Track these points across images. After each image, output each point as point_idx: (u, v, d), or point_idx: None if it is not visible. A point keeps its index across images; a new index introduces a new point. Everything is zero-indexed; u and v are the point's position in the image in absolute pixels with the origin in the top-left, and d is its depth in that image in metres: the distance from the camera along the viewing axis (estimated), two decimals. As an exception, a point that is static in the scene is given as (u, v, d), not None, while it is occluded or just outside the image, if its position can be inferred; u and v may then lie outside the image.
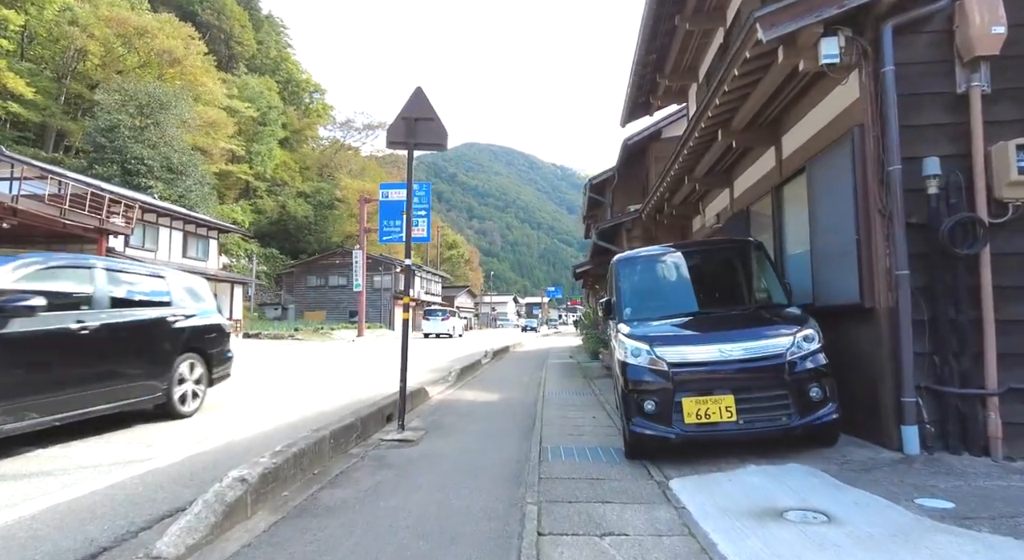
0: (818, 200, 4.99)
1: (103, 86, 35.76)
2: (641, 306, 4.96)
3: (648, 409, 4.10)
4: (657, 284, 5.14)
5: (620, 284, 5.08)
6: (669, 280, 5.11)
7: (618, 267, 5.24)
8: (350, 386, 8.77)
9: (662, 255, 5.29)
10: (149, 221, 25.02)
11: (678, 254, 5.29)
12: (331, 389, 8.38)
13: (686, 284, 5.07)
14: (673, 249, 5.49)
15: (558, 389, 8.99)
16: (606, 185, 15.54)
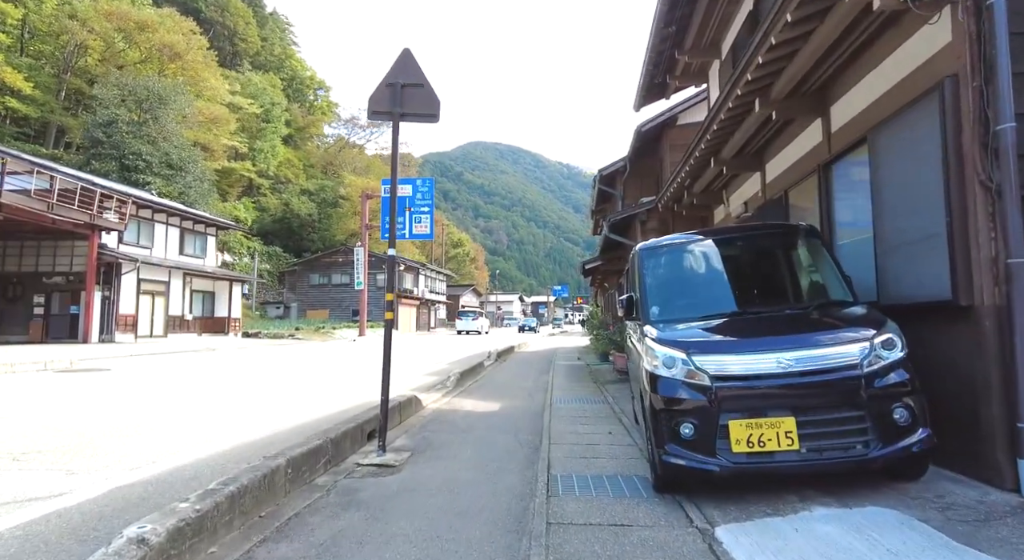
0: (885, 176, 4.11)
1: (101, 80, 35.15)
2: (671, 304, 4.10)
3: (685, 434, 3.25)
4: (690, 278, 4.27)
5: (645, 278, 4.22)
6: (705, 273, 4.24)
7: (642, 258, 4.37)
8: (340, 392, 7.95)
9: (695, 243, 4.41)
10: (144, 217, 24.35)
11: (715, 242, 4.41)
12: (318, 396, 7.57)
13: (725, 278, 4.20)
14: (708, 236, 4.62)
15: (567, 396, 8.14)
16: (617, 176, 14.66)
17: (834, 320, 3.51)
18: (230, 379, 9.64)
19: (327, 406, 6.50)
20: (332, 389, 8.31)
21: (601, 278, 19.45)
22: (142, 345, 20.51)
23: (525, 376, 11.19)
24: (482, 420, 6.09)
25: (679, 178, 8.28)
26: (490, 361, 14.37)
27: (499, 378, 10.76)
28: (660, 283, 4.22)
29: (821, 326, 3.47)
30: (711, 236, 4.58)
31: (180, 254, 26.60)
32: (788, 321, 3.65)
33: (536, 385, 9.56)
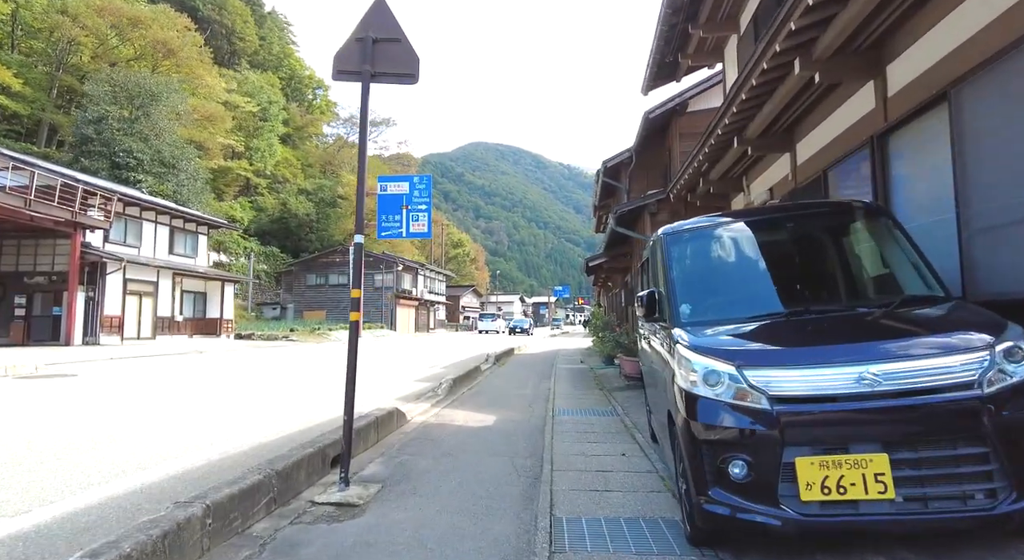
0: (977, 141, 3.27)
1: (91, 76, 34.36)
2: (706, 302, 3.25)
3: (735, 474, 2.42)
4: (729, 269, 3.42)
5: (672, 270, 3.36)
6: (746, 263, 3.39)
7: (667, 245, 3.52)
8: (320, 401, 7.11)
9: (733, 226, 3.55)
10: (132, 215, 23.54)
11: (757, 224, 3.55)
12: (294, 406, 6.72)
13: (773, 269, 3.35)
14: (748, 217, 3.77)
15: (571, 406, 7.29)
16: (622, 169, 13.83)
17: (931, 322, 2.68)
18: (204, 386, 8.81)
19: (300, 418, 5.66)
20: (312, 397, 7.46)
21: (605, 277, 18.60)
22: (127, 347, 19.69)
23: (525, 382, 10.35)
24: (474, 438, 5.24)
25: (695, 163, 7.44)
26: (488, 365, 13.53)
27: (496, 384, 9.92)
28: (691, 276, 3.37)
29: (914, 330, 2.62)
30: (752, 217, 3.72)
31: (170, 253, 25.79)
32: (866, 323, 2.80)
33: (537, 393, 8.72)
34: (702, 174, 7.78)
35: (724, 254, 3.44)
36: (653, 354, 3.99)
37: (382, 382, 9.52)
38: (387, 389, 8.62)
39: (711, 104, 11.99)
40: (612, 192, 16.43)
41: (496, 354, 15.30)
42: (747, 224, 3.55)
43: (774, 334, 2.83)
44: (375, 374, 11.07)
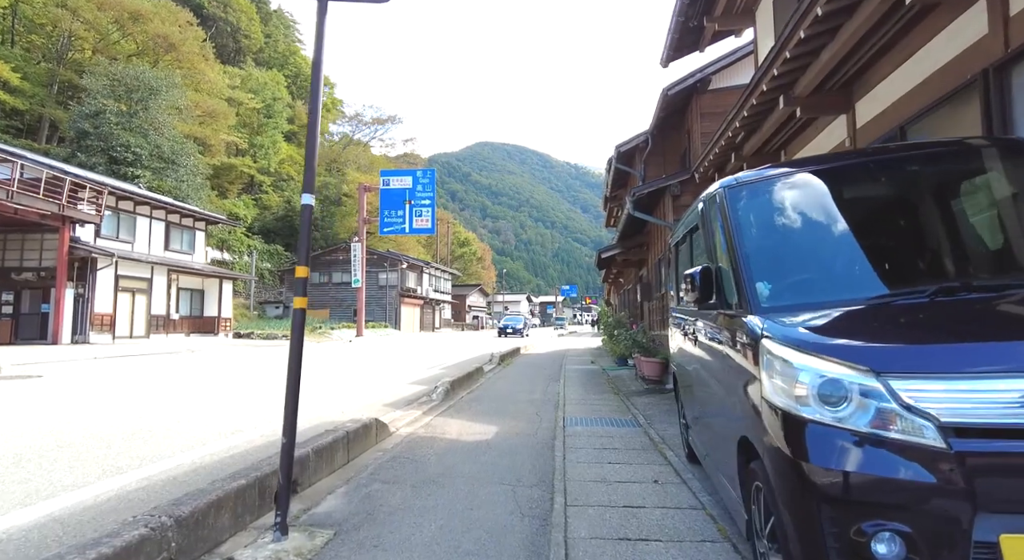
0: None
1: (89, 70, 33.72)
2: (792, 279, 2.25)
3: (883, 554, 1.43)
4: (823, 233, 2.36)
5: (740, 236, 2.33)
6: (851, 224, 2.34)
7: (732, 203, 2.47)
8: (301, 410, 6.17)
9: (824, 172, 2.51)
10: (125, 210, 22.77)
11: (858, 171, 2.52)
12: (264, 416, 5.78)
13: (890, 231, 2.35)
14: (846, 161, 2.70)
15: (584, 413, 6.31)
16: (636, 154, 12.80)
17: None
18: (174, 389, 7.90)
19: (264, 431, 4.72)
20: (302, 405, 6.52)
21: (616, 273, 17.57)
22: (117, 346, 18.90)
23: (531, 384, 9.36)
24: (468, 457, 4.26)
25: (728, 133, 6.43)
26: (491, 365, 12.56)
27: (500, 388, 8.94)
28: (769, 245, 2.35)
29: None
30: (848, 162, 2.66)
31: (166, 249, 25.01)
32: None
33: (545, 397, 7.73)
34: (735, 147, 6.77)
35: (813, 213, 2.43)
36: (699, 353, 3.00)
37: (373, 385, 8.57)
38: (376, 393, 7.67)
39: (735, 81, 10.97)
40: (625, 182, 15.40)
41: (501, 354, 14.33)
42: (842, 172, 2.52)
43: (917, 324, 1.83)
44: (368, 375, 10.12)
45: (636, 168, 12.81)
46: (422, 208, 27.57)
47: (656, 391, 8.13)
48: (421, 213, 27.57)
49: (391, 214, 27.79)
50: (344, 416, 5.74)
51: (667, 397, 7.54)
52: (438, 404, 6.81)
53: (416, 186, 27.67)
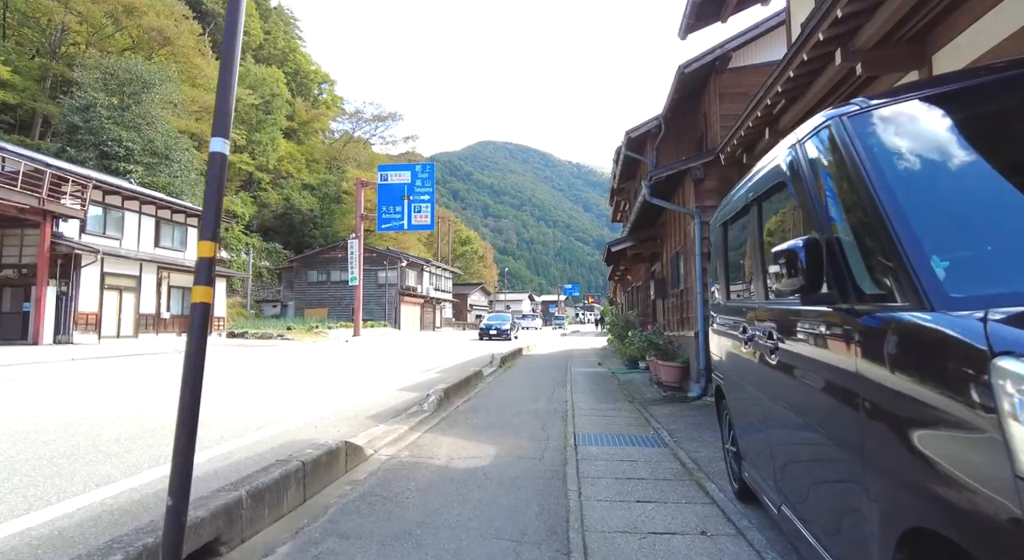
0: None
1: (80, 63, 32.91)
2: (989, 250, 1.34)
3: None
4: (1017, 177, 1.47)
5: (885, 183, 1.41)
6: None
7: (862, 139, 1.51)
8: (269, 422, 5.31)
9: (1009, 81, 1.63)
10: (113, 205, 21.93)
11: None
12: (227, 430, 4.92)
13: None
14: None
15: (598, 428, 5.42)
16: (648, 140, 11.89)
17: None
18: (143, 397, 7.03)
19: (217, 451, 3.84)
20: (266, 415, 5.65)
21: (624, 269, 16.65)
22: (102, 347, 18.08)
23: (535, 391, 8.48)
24: (457, 495, 3.37)
25: (765, 103, 5.54)
26: (492, 368, 11.68)
27: (500, 395, 8.06)
28: (935, 198, 1.43)
29: None
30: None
31: (156, 246, 24.17)
32: None
33: (551, 407, 6.84)
34: (772, 119, 5.87)
35: (1001, 150, 1.52)
36: (780, 372, 2.10)
37: (360, 391, 7.69)
38: (362, 401, 6.79)
39: (757, 59, 10.07)
40: (634, 172, 14.48)
41: (502, 356, 13.45)
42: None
43: None
44: (358, 380, 9.25)
45: (647, 156, 11.89)
46: (421, 204, 26.71)
47: (676, 399, 7.23)
48: (420, 209, 26.71)
49: (389, 210, 26.95)
50: (318, 432, 4.87)
51: (691, 408, 6.65)
52: (429, 416, 5.92)
53: (415, 181, 26.81)
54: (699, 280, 7.11)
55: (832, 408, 1.62)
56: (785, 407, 2.10)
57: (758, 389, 2.51)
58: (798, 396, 1.93)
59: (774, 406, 2.26)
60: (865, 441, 1.40)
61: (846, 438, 1.52)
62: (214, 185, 1.99)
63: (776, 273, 1.76)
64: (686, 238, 7.85)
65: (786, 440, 2.18)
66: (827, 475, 1.75)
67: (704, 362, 7.02)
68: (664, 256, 10.09)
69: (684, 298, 8.03)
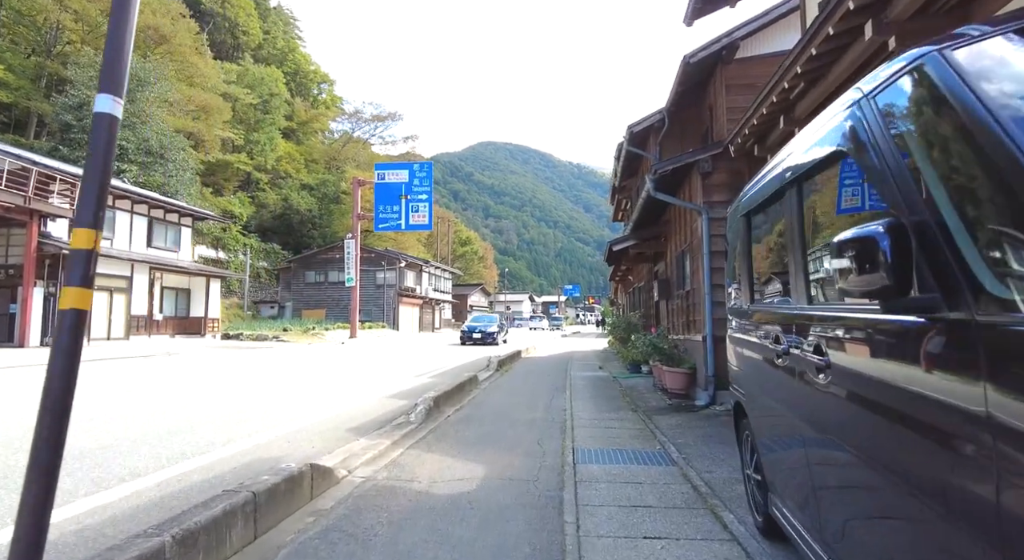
0: None
1: (73, 60, 32.50)
2: None
3: None
4: None
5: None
6: None
7: (972, 78, 1.09)
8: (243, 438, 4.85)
9: None
10: (103, 204, 21.44)
11: None
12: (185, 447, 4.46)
13: None
14: None
15: (599, 443, 4.94)
16: (650, 135, 11.42)
17: None
18: (122, 405, 6.57)
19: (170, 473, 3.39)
20: (239, 425, 5.20)
21: (626, 270, 16.17)
22: (92, 349, 17.61)
23: (532, 397, 8.01)
24: (436, 530, 2.90)
25: (781, 87, 5.09)
26: (488, 372, 11.21)
27: (494, 402, 7.59)
28: None
29: None
30: None
31: (148, 246, 23.73)
32: None
33: (548, 416, 6.37)
34: (788, 105, 5.40)
35: None
36: (849, 397, 1.62)
37: (347, 398, 7.23)
38: (347, 409, 6.33)
39: (766, 49, 9.60)
40: (636, 168, 14.01)
41: (500, 359, 12.98)
42: None
43: None
44: (348, 384, 8.79)
45: (650, 151, 11.42)
46: (419, 203, 26.25)
47: (683, 408, 6.76)
48: (418, 208, 26.25)
49: (386, 209, 26.50)
50: (290, 447, 4.42)
51: (699, 418, 6.17)
52: (416, 428, 5.46)
53: (412, 180, 26.35)
54: (707, 280, 6.64)
55: (932, 451, 1.15)
56: (841, 442, 1.63)
57: (796, 414, 2.04)
58: (865, 431, 1.46)
59: (822, 438, 1.79)
60: (1003, 498, 0.93)
61: (959, 492, 1.05)
62: (99, 155, 1.53)
63: (840, 269, 1.30)
64: (692, 236, 7.39)
65: (840, 481, 1.72)
66: (910, 536, 1.29)
67: (712, 369, 6.55)
68: (668, 255, 9.62)
69: (690, 299, 7.57)
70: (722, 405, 6.51)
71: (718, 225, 6.77)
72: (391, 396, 7.68)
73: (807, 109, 5.38)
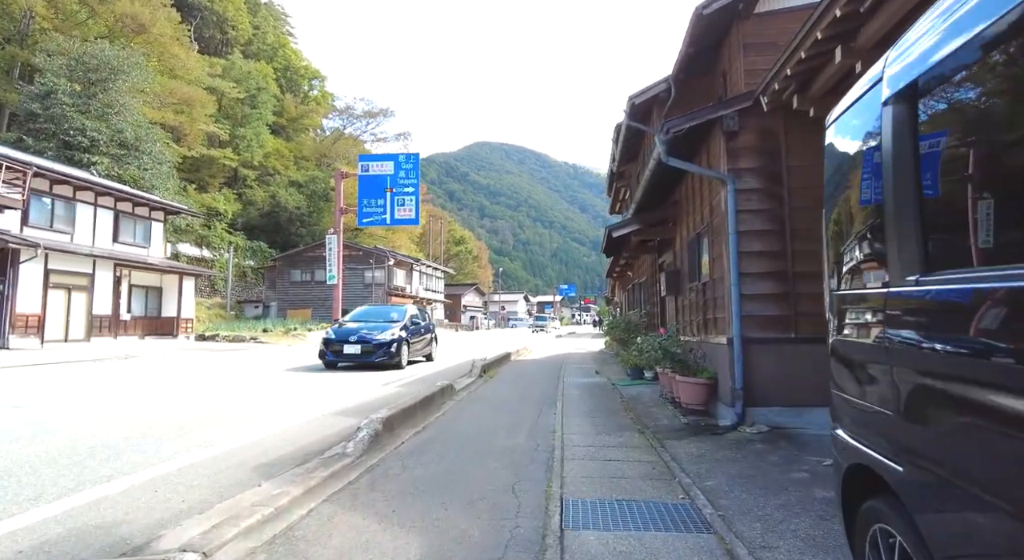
0: None
1: (41, 47, 30.90)
2: None
3: None
4: None
5: None
6: None
7: None
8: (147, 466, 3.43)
9: None
10: (62, 195, 19.95)
11: None
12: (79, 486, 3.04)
13: None
14: None
15: (598, 487, 3.52)
16: (654, 107, 10.04)
17: None
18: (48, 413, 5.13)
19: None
20: (108, 462, 3.77)
21: (624, 265, 14.77)
22: (45, 352, 16.12)
23: (516, 414, 6.60)
24: None
25: (840, 4, 3.70)
26: (470, 378, 9.79)
27: (467, 421, 6.17)
28: None
29: None
30: None
31: (115, 242, 22.19)
32: None
33: (531, 444, 4.95)
34: (849, 31, 4.01)
35: None
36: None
37: (283, 416, 5.78)
38: (273, 433, 4.90)
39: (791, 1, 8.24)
40: (637, 151, 12.60)
41: (485, 363, 11.56)
42: None
43: None
44: (294, 396, 7.33)
45: (654, 126, 10.05)
46: (405, 196, 24.77)
47: (702, 429, 5.36)
48: (404, 202, 24.77)
49: (371, 203, 24.99)
50: (155, 498, 3.00)
51: (727, 444, 4.75)
52: (351, 463, 4.04)
53: (398, 172, 24.87)
54: (734, 267, 5.25)
55: None
56: None
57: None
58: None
59: None
60: None
61: None
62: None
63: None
64: (713, 213, 6.00)
65: None
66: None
67: (741, 380, 5.16)
68: (677, 243, 8.22)
69: (708, 293, 6.18)
70: (753, 427, 5.12)
71: (746, 198, 5.38)
72: (340, 412, 6.26)
73: (878, 32, 3.99)
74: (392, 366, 11.62)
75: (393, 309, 14.49)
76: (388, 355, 11.45)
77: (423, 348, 14.00)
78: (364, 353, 11.41)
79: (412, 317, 13.59)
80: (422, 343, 13.87)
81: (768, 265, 5.32)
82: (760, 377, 5.20)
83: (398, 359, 11.68)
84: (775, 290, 5.30)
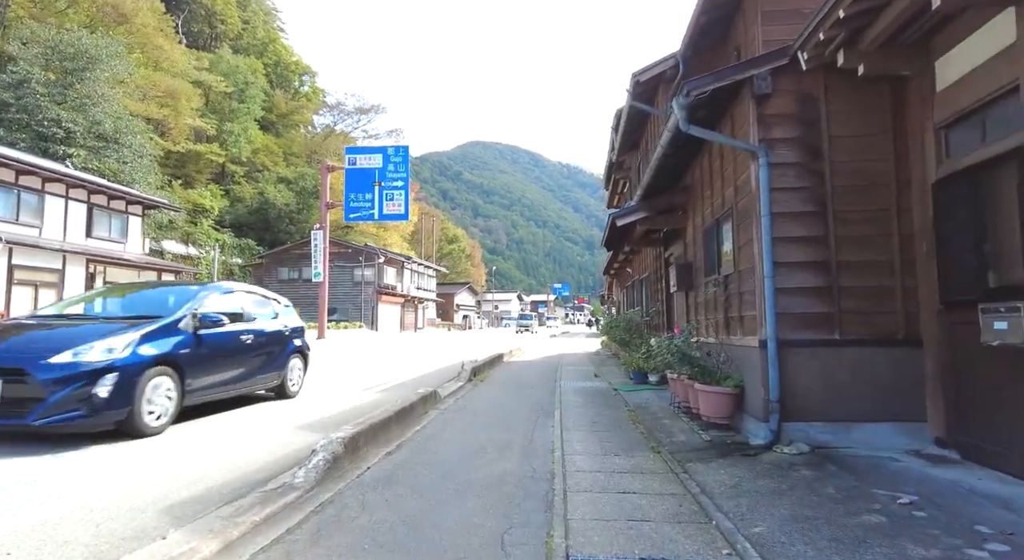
0: None
1: (14, 34, 29.70)
2: None
3: None
4: None
5: None
6: None
7: None
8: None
9: None
10: (29, 186, 18.85)
11: None
12: None
13: None
14: None
15: (614, 540, 2.63)
16: (659, 87, 9.17)
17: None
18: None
19: None
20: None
21: (624, 260, 13.93)
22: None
23: (507, 429, 5.73)
24: None
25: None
26: (459, 383, 8.93)
27: (450, 438, 5.30)
28: None
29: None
30: None
31: (88, 237, 21.09)
32: None
33: (526, 468, 4.09)
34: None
35: None
36: None
37: (226, 446, 4.87)
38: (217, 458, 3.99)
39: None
40: (638, 138, 11.76)
41: (475, 365, 10.68)
42: None
43: None
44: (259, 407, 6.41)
45: (658, 106, 9.22)
46: (394, 190, 23.87)
47: (730, 448, 4.50)
48: (393, 196, 23.87)
49: (358, 198, 24.08)
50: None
51: (765, 470, 3.88)
52: (296, 501, 3.15)
53: (387, 165, 23.96)
54: (768, 256, 4.40)
55: None
56: None
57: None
58: None
59: None
60: None
61: None
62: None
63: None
64: (738, 195, 5.15)
65: None
66: None
67: (777, 390, 4.31)
68: (689, 232, 7.37)
69: (732, 287, 5.33)
70: (791, 446, 4.27)
71: (781, 173, 4.53)
72: (304, 426, 5.37)
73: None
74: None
75: (172, 291, 6.25)
76: (79, 406, 4.31)
77: (253, 375, 6.46)
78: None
79: (223, 309, 5.93)
80: (248, 366, 6.29)
81: (807, 253, 4.48)
82: (799, 386, 4.36)
83: (115, 415, 4.51)
84: (815, 283, 4.46)
